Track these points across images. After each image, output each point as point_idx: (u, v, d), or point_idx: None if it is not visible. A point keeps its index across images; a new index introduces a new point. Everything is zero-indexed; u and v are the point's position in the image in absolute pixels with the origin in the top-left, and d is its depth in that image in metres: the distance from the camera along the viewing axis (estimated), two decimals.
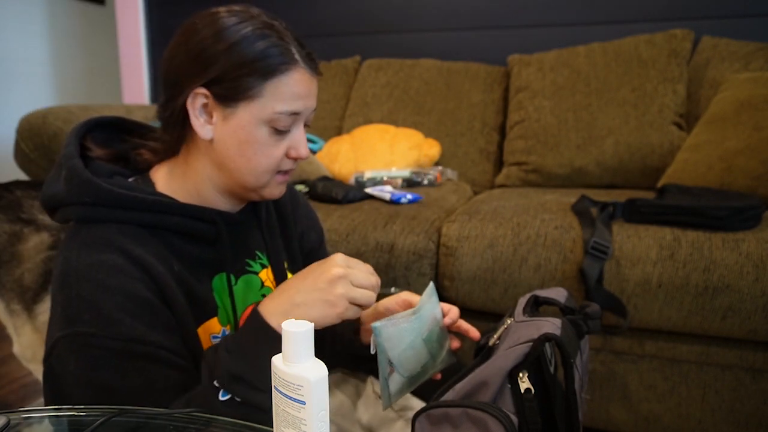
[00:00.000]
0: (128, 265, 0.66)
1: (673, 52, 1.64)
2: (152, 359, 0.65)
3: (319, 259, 0.97)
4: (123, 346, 0.63)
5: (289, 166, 0.74)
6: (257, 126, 0.69)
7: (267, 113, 0.68)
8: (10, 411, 0.56)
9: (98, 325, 0.63)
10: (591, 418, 1.18)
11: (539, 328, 0.66)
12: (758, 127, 1.27)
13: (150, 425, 0.57)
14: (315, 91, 0.73)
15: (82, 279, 0.64)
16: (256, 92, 0.67)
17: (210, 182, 0.74)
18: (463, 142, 1.85)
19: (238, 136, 0.69)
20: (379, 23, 2.19)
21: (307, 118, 0.74)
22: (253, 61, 0.67)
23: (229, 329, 0.75)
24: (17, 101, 3.16)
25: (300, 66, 0.69)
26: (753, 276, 0.99)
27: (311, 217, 0.97)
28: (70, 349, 0.64)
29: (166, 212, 0.70)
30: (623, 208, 1.16)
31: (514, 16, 2.02)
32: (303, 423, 0.45)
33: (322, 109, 2.07)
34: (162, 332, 0.66)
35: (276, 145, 0.71)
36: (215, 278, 0.75)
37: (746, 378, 1.07)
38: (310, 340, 0.47)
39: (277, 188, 0.76)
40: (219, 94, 0.68)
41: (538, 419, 0.63)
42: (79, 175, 0.68)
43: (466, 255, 1.16)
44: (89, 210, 0.68)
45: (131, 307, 0.64)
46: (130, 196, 0.68)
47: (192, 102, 0.69)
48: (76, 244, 0.67)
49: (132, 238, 0.68)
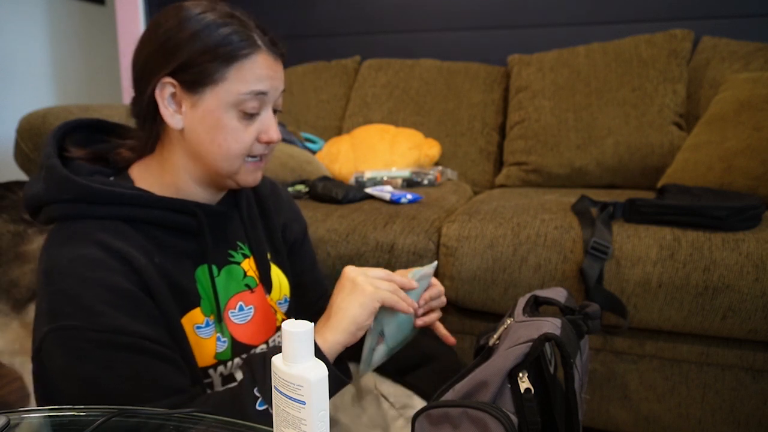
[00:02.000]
0: (108, 259, 0.67)
1: (673, 52, 1.64)
2: (137, 350, 0.66)
3: (303, 251, 1.01)
4: (107, 338, 0.64)
5: (260, 151, 0.76)
6: (225, 110, 0.71)
7: (233, 96, 0.70)
8: (10, 411, 0.56)
9: (81, 318, 0.64)
10: (591, 418, 1.18)
11: (539, 328, 0.66)
12: (758, 127, 1.27)
13: (150, 425, 0.57)
14: (280, 73, 0.75)
15: (64, 274, 0.65)
16: (220, 76, 0.69)
17: (186, 173, 0.76)
18: (463, 142, 1.85)
19: (207, 122, 0.71)
20: (379, 23, 2.19)
21: (276, 103, 0.76)
22: (216, 47, 0.69)
23: (212, 319, 0.76)
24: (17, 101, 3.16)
25: (262, 50, 0.72)
26: (753, 276, 0.99)
27: (294, 209, 0.99)
28: (56, 344, 0.65)
29: (145, 205, 0.72)
30: (623, 208, 1.16)
31: (514, 16, 2.02)
32: (303, 423, 0.45)
33: (322, 109, 2.07)
34: (145, 323, 0.67)
35: (245, 129, 0.73)
36: (198, 269, 0.77)
37: (746, 378, 1.07)
38: (310, 340, 0.47)
39: (251, 174, 0.77)
40: (185, 80, 0.70)
41: (537, 419, 0.63)
42: (58, 173, 0.70)
43: (466, 255, 1.16)
44: (69, 207, 0.70)
45: (113, 299, 0.65)
46: (108, 191, 0.69)
47: (160, 92, 0.71)
48: (58, 240, 0.69)
49: (112, 233, 0.69)
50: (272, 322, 0.86)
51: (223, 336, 0.77)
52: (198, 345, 0.74)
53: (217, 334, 0.77)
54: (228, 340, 0.78)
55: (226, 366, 0.78)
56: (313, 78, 2.11)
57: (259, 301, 0.84)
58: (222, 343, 0.77)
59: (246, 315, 0.81)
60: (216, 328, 0.77)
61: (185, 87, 0.70)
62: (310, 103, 2.08)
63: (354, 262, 1.22)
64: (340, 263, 1.23)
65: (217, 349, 0.77)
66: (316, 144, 1.90)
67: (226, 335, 0.78)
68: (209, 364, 0.76)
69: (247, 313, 0.81)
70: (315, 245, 1.25)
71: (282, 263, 0.91)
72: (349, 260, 1.23)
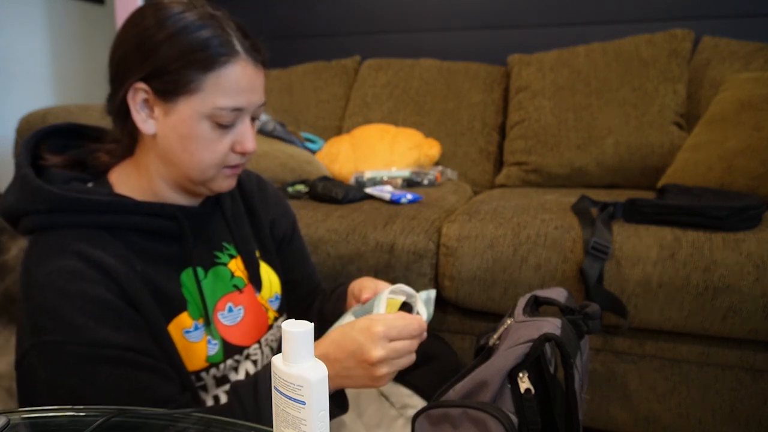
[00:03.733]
0: (87, 269, 0.65)
1: (674, 52, 1.64)
2: (120, 362, 0.64)
3: (293, 247, 0.97)
4: (89, 352, 0.63)
5: (236, 161, 0.73)
6: (198, 121, 0.68)
7: (207, 108, 0.67)
8: (10, 411, 0.56)
9: (62, 332, 0.63)
10: (591, 418, 1.18)
11: (539, 329, 0.66)
12: (758, 127, 1.27)
13: (150, 425, 0.57)
14: (260, 84, 0.71)
15: (44, 287, 0.64)
16: (196, 86, 0.66)
17: (160, 178, 0.73)
18: (463, 142, 1.85)
19: (179, 131, 0.68)
20: (379, 23, 2.19)
21: (254, 112, 0.73)
22: (193, 52, 0.65)
23: (201, 322, 0.75)
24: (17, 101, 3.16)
25: (242, 58, 0.68)
26: (753, 276, 0.99)
27: (282, 204, 0.96)
28: (39, 359, 0.64)
29: (123, 212, 0.70)
30: (623, 208, 1.16)
31: (514, 16, 2.02)
32: (303, 423, 0.45)
33: (322, 109, 2.07)
34: (128, 333, 0.66)
35: (219, 139, 0.70)
36: (183, 273, 0.75)
37: (746, 378, 1.07)
38: (310, 340, 0.46)
39: (225, 181, 0.74)
40: (158, 89, 0.67)
41: (537, 419, 0.63)
42: (30, 183, 0.68)
43: (466, 255, 1.16)
44: (45, 218, 0.68)
45: (94, 310, 0.64)
46: (84, 199, 0.67)
47: (132, 97, 0.68)
48: (36, 253, 0.67)
49: (90, 242, 0.67)
50: (263, 321, 0.85)
51: (213, 339, 0.76)
52: (188, 349, 0.73)
53: (208, 337, 0.76)
54: (219, 342, 0.77)
55: (218, 368, 0.77)
56: (313, 78, 2.11)
57: (248, 301, 0.83)
58: (213, 346, 0.76)
59: (236, 316, 0.80)
60: (206, 331, 0.76)
61: (158, 95, 0.68)
62: (310, 103, 2.08)
63: (354, 262, 1.22)
64: (340, 263, 1.23)
65: (209, 352, 0.76)
66: (316, 144, 1.90)
67: (216, 338, 0.77)
68: (201, 368, 0.75)
69: (236, 314, 0.80)
70: (315, 245, 1.25)
71: (271, 260, 0.90)
72: (349, 260, 1.23)
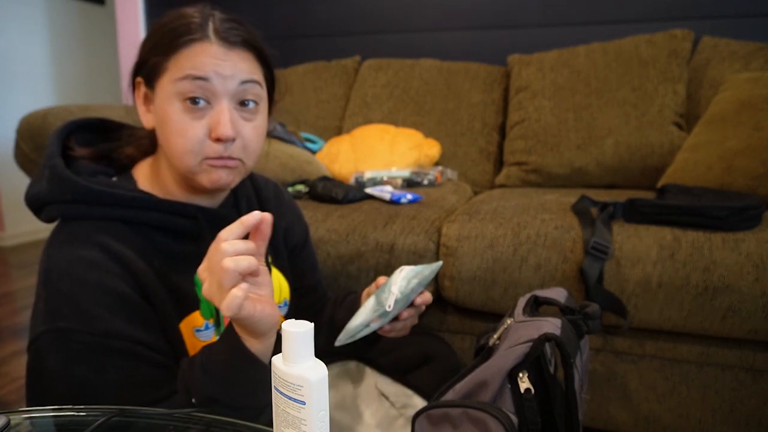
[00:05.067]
0: (107, 261, 0.66)
1: (673, 52, 1.64)
2: (129, 355, 0.65)
3: (304, 255, 0.99)
4: (101, 342, 0.64)
5: (215, 151, 0.69)
6: (169, 101, 0.69)
7: (172, 85, 0.68)
8: (10, 411, 0.56)
9: (77, 320, 0.64)
10: (591, 418, 1.18)
11: (539, 328, 0.66)
12: (758, 127, 1.27)
13: (150, 425, 0.57)
14: (228, 60, 0.69)
15: (63, 274, 0.65)
16: (163, 68, 0.69)
17: (171, 175, 0.75)
18: (463, 142, 1.85)
19: (159, 117, 0.71)
20: (379, 23, 2.19)
21: (238, 94, 0.70)
22: (161, 41, 0.69)
23: (212, 322, 0.76)
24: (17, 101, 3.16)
25: (207, 39, 0.68)
26: (753, 276, 0.99)
27: (296, 213, 0.98)
28: (50, 344, 0.65)
29: (145, 208, 0.71)
30: (623, 208, 1.16)
31: (514, 16, 2.02)
32: (303, 423, 0.45)
33: (322, 109, 2.07)
34: (140, 327, 0.67)
35: (191, 123, 0.68)
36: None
37: (746, 378, 1.07)
38: (310, 340, 0.47)
39: (210, 174, 0.71)
40: (144, 78, 0.72)
41: (537, 419, 0.63)
42: (59, 173, 0.70)
43: (466, 255, 1.16)
44: (70, 207, 0.70)
45: (109, 302, 0.65)
46: (108, 193, 0.69)
47: (138, 93, 0.73)
48: (58, 240, 0.69)
49: (112, 234, 0.69)
50: None
51: None
52: (197, 348, 0.74)
53: (217, 337, 0.77)
54: None
55: None
56: (313, 78, 2.11)
57: None
58: None
59: None
60: (216, 331, 0.77)
61: (147, 85, 0.72)
62: (310, 103, 2.08)
63: (354, 262, 1.22)
64: (340, 263, 1.23)
65: None
66: (316, 144, 1.90)
67: None
68: None
69: None
70: (315, 245, 1.24)
71: (283, 266, 0.91)
72: (349, 260, 1.23)
